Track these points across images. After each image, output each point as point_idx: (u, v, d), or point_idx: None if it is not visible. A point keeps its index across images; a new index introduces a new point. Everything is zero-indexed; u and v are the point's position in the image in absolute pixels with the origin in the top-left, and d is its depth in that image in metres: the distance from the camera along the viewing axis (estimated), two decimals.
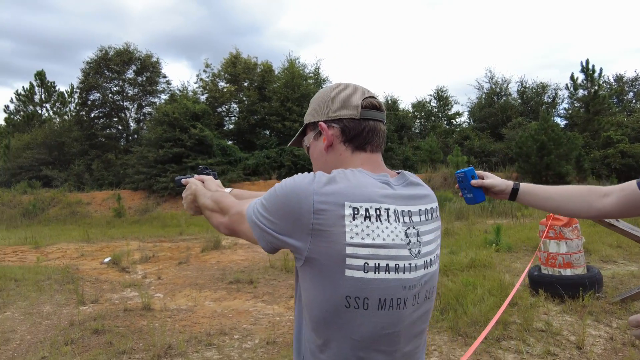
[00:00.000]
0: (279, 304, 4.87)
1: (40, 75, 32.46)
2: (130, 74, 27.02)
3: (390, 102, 28.51)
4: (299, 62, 26.19)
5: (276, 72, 26.41)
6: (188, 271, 7.06)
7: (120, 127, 28.12)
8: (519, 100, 29.38)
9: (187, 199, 1.16)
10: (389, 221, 0.79)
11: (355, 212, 0.76)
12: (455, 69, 67.71)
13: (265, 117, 24.54)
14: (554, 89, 28.73)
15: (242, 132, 25.60)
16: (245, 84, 26.21)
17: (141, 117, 28.13)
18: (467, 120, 31.43)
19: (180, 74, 56.87)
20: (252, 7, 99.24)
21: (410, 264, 0.81)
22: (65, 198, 19.82)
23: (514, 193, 1.24)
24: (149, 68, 27.08)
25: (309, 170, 0.88)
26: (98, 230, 14.27)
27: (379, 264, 0.77)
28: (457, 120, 31.68)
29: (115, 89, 26.80)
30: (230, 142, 24.35)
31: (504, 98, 29.66)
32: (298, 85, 23.97)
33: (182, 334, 3.92)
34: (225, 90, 25.56)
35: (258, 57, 33.33)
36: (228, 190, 1.17)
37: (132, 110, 28.08)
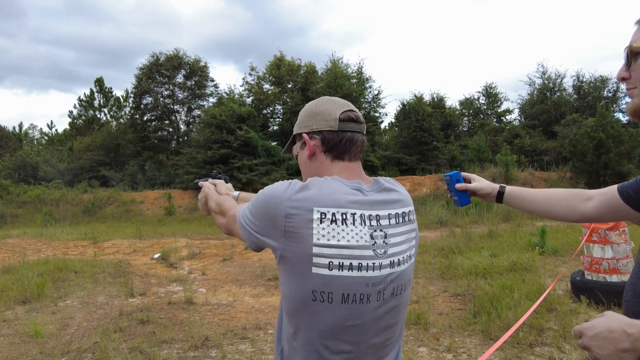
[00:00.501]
0: None
1: (99, 82, 34.69)
2: (180, 78, 28.35)
3: (436, 99, 27.89)
4: (342, 62, 26.28)
5: (319, 73, 26.64)
6: (231, 268, 7.34)
7: (171, 130, 29.53)
8: (575, 96, 27.76)
9: (201, 200, 1.30)
10: (354, 224, 0.87)
11: (323, 216, 0.85)
12: (505, 64, 65.13)
13: None
14: (615, 82, 26.86)
15: (285, 133, 26.04)
16: (289, 86, 26.65)
17: (190, 120, 29.41)
18: (518, 118, 30.10)
19: (228, 77, 58.82)
20: (297, 9, 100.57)
21: (374, 263, 0.87)
22: (121, 197, 21.10)
23: (499, 196, 1.26)
24: (198, 72, 28.25)
25: None
26: (150, 227, 15.10)
27: (342, 262, 0.85)
28: (506, 117, 30.43)
29: (166, 93, 28.20)
30: (274, 143, 24.87)
31: (558, 94, 28.15)
32: (340, 85, 24.04)
33: (219, 327, 4.12)
34: (269, 92, 26.12)
35: (302, 58, 33.76)
36: (236, 193, 1.29)
37: (182, 113, 29.44)
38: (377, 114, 27.29)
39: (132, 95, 28.97)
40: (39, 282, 5.80)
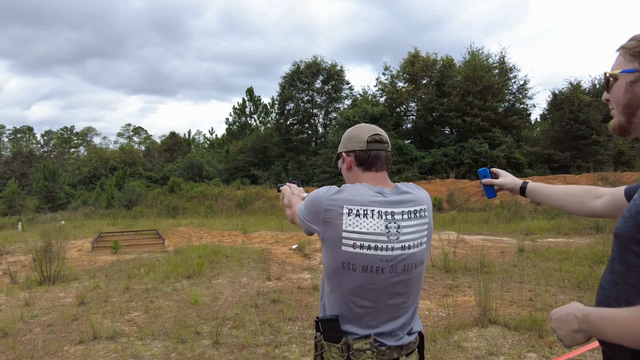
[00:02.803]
0: (431, 300, 5.05)
1: (249, 91, 39.07)
2: (318, 83, 30.27)
3: (597, 86, 24.25)
4: (482, 52, 24.65)
5: (457, 66, 25.52)
6: None
7: (310, 132, 31.73)
8: None
9: (282, 200, 1.75)
10: (373, 217, 1.19)
11: (350, 211, 1.19)
12: None
13: (443, 114, 24.03)
14: None
15: (419, 130, 25.67)
16: (424, 82, 26.14)
17: (327, 122, 31.16)
18: None
19: (363, 78, 60.07)
20: (432, 2, 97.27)
21: (387, 246, 1.18)
22: (267, 193, 23.58)
23: (522, 190, 1.41)
24: (334, 77, 29.76)
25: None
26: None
27: (363, 244, 1.18)
28: None
29: (306, 98, 30.39)
30: (407, 142, 24.74)
31: None
32: (480, 77, 22.66)
33: None
34: (403, 90, 26.00)
35: (438, 52, 32.78)
36: (305, 194, 1.66)
37: (320, 116, 31.39)
38: (523, 106, 24.93)
39: (277, 102, 31.99)
40: (199, 262, 7.05)
